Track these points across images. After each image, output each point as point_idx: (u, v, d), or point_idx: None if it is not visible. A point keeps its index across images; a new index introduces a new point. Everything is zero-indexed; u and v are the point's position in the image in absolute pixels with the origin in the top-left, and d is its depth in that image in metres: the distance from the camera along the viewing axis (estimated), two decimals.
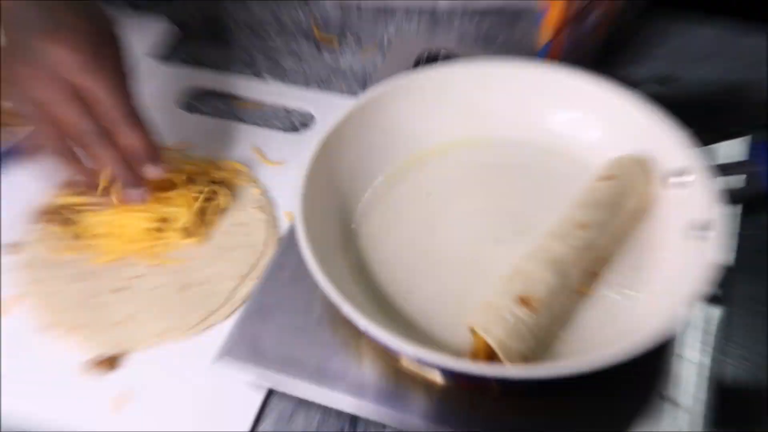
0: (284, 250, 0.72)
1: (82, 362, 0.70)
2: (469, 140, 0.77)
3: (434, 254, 0.70)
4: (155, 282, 0.75)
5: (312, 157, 0.69)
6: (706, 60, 0.96)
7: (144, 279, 0.75)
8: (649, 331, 0.57)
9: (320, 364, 0.64)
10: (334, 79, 0.96)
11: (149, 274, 0.75)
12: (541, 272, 0.63)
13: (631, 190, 0.69)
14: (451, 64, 0.76)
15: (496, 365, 0.58)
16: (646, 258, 0.68)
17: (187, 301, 0.73)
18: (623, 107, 0.72)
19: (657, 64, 0.96)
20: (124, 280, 0.75)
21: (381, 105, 0.74)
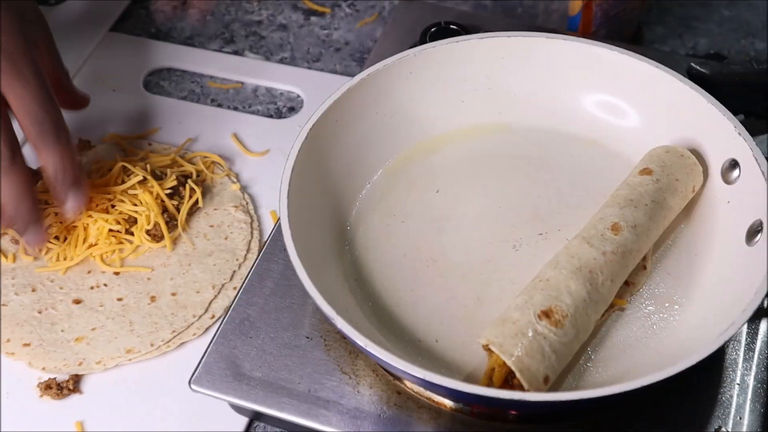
0: (268, 256, 0.73)
1: (35, 386, 0.71)
2: (485, 127, 0.78)
3: (442, 260, 0.71)
4: (119, 292, 0.76)
5: (299, 147, 0.70)
6: (759, 35, 0.97)
7: (106, 289, 0.76)
8: (694, 351, 0.58)
9: (310, 387, 0.65)
10: (326, 55, 0.97)
11: (112, 283, 0.76)
12: (566, 281, 0.64)
13: (674, 186, 0.69)
14: (464, 37, 0.77)
15: (515, 390, 0.59)
16: (690, 266, 0.69)
17: (156, 315, 0.74)
18: (664, 90, 0.73)
19: (702, 39, 0.97)
20: (83, 291, 0.76)
21: (382, 85, 0.75)
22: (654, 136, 0.74)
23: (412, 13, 0.91)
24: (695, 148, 0.72)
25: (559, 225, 0.72)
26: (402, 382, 0.65)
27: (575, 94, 0.77)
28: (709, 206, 0.71)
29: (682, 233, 0.72)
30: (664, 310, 0.67)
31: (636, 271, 0.68)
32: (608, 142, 0.76)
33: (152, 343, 0.73)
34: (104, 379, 0.72)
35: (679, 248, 0.71)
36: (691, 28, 0.98)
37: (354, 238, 0.72)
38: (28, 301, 0.75)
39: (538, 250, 0.70)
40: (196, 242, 0.79)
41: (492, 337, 0.61)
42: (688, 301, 0.67)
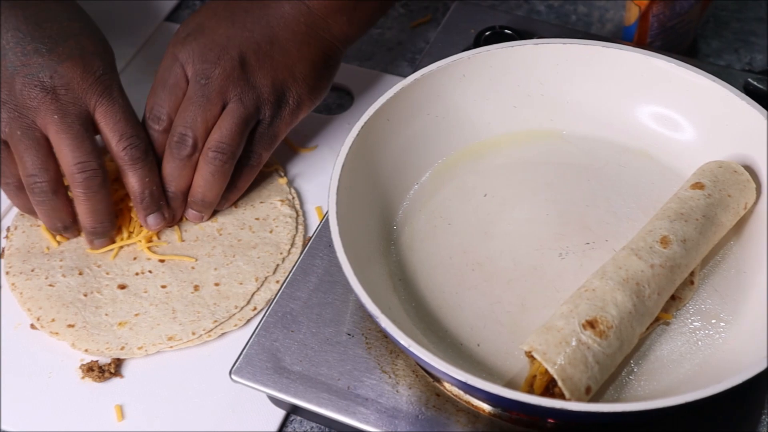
0: (313, 252, 0.73)
1: (77, 367, 0.72)
2: (536, 134, 0.78)
3: (488, 265, 0.71)
4: (163, 280, 0.77)
5: (350, 144, 0.70)
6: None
7: (151, 276, 0.77)
8: (741, 368, 0.57)
9: (349, 384, 0.65)
10: (378, 54, 0.97)
11: (157, 270, 0.77)
12: (612, 292, 0.63)
13: (726, 202, 0.69)
14: (519, 42, 0.77)
15: (557, 399, 0.58)
16: (739, 283, 0.69)
17: (199, 304, 0.75)
18: (721, 104, 0.73)
19: (759, 55, 0.96)
20: (128, 277, 0.77)
21: (434, 86, 0.75)
22: (707, 150, 0.74)
23: (467, 15, 0.91)
24: (749, 165, 0.72)
25: (607, 235, 0.71)
26: (441, 384, 0.66)
27: (629, 105, 0.77)
28: (760, 224, 0.70)
29: (732, 250, 0.71)
30: (710, 327, 0.67)
31: (683, 286, 0.68)
32: (661, 154, 0.76)
33: (194, 331, 0.73)
34: (145, 364, 0.73)
35: (728, 265, 0.70)
36: (748, 44, 0.97)
37: (400, 238, 0.72)
38: (75, 283, 0.76)
39: (584, 259, 0.70)
40: (241, 234, 0.80)
41: (535, 344, 0.61)
42: (735, 318, 0.67)
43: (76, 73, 0.73)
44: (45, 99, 0.72)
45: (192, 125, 0.74)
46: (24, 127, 0.72)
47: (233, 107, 0.74)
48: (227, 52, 0.74)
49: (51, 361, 0.73)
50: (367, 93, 0.91)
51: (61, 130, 0.72)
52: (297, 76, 0.77)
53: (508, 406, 0.63)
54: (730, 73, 0.84)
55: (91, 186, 0.73)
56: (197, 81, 0.74)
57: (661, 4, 0.85)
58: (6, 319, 0.75)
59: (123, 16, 0.99)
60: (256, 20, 0.76)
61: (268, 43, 0.76)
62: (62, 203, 0.75)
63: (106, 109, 0.73)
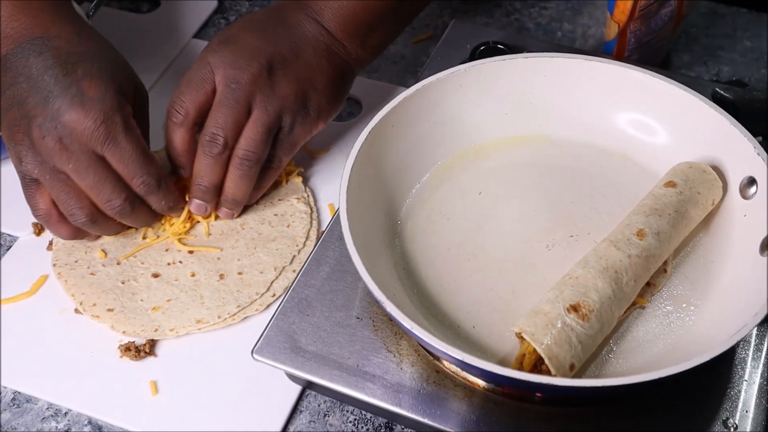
0: (325, 244, 0.73)
1: (116, 347, 0.72)
2: (526, 138, 0.78)
3: (482, 256, 0.71)
4: (192, 269, 0.77)
5: (359, 148, 0.70)
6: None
7: (181, 266, 0.77)
8: (707, 348, 0.58)
9: (358, 362, 0.66)
10: (384, 67, 0.97)
11: (187, 260, 0.77)
12: (593, 280, 0.63)
13: (695, 199, 0.69)
14: (511, 56, 0.77)
15: (544, 376, 0.59)
16: (707, 271, 0.69)
17: (224, 291, 0.75)
18: (691, 111, 0.73)
19: (726, 67, 0.96)
20: (161, 266, 0.77)
21: (434, 95, 0.75)
22: (679, 152, 0.74)
23: (463, 32, 0.91)
24: (717, 165, 0.72)
25: (589, 229, 0.71)
26: (441, 363, 0.66)
27: (609, 112, 0.77)
28: (726, 218, 0.70)
29: (701, 241, 0.71)
30: (681, 310, 0.67)
31: (657, 274, 0.68)
32: (637, 156, 0.76)
33: (219, 315, 0.74)
34: (176, 345, 0.73)
35: (698, 255, 0.70)
36: (715, 57, 0.97)
37: (403, 231, 0.73)
38: (113, 272, 0.77)
39: (569, 250, 0.70)
40: (261, 229, 0.80)
41: (525, 327, 0.61)
42: (704, 303, 0.67)
43: (77, 124, 0.69)
44: (56, 149, 0.70)
45: (223, 126, 0.73)
46: (50, 171, 0.71)
47: (258, 115, 0.74)
48: (256, 60, 0.74)
49: (92, 342, 0.73)
50: (374, 102, 0.91)
51: (79, 177, 0.71)
52: (317, 88, 0.77)
53: (501, 382, 0.63)
54: (700, 83, 0.84)
55: (124, 215, 0.73)
56: (227, 85, 0.73)
57: (638, 22, 0.85)
58: (53, 305, 0.76)
59: (154, 34, 1.00)
60: (282, 36, 0.76)
61: (294, 55, 0.76)
62: (104, 225, 0.75)
63: (112, 154, 0.71)
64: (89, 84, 0.71)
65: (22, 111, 0.71)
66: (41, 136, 0.70)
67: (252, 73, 0.73)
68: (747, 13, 1.01)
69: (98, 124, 0.70)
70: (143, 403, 0.70)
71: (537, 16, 1.03)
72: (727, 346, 0.58)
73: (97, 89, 0.71)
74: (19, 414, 0.70)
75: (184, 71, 0.94)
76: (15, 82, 0.71)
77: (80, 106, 0.70)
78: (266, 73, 0.74)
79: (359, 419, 0.69)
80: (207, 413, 0.69)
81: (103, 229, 0.75)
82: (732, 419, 0.63)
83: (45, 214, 0.74)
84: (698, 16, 1.01)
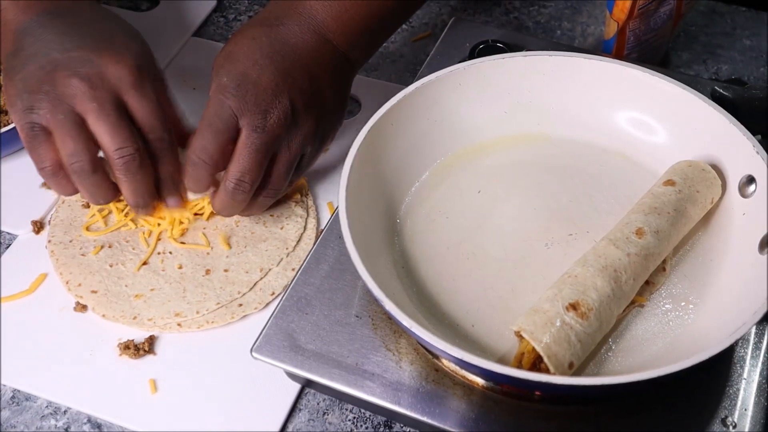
0: (325, 242, 0.73)
1: (115, 345, 0.73)
2: (525, 136, 0.78)
3: (481, 254, 0.71)
4: (180, 261, 0.77)
5: (358, 146, 0.70)
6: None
7: (170, 257, 0.77)
8: (706, 346, 0.58)
9: (358, 361, 0.66)
10: (383, 66, 0.97)
11: (177, 252, 0.78)
12: (593, 278, 0.63)
13: (694, 197, 0.69)
14: (510, 54, 0.77)
15: (543, 374, 0.59)
16: (707, 270, 0.69)
17: (207, 287, 0.75)
18: (690, 110, 0.73)
19: (725, 65, 0.96)
20: (152, 255, 0.78)
21: (433, 94, 0.75)
22: (678, 151, 0.74)
23: (462, 31, 0.91)
24: (716, 164, 0.71)
25: (588, 227, 0.71)
26: (440, 361, 0.66)
27: (608, 110, 0.77)
28: (725, 217, 0.70)
29: (700, 240, 0.71)
30: (680, 309, 0.67)
31: (656, 272, 0.68)
32: (637, 155, 0.76)
33: (198, 310, 0.74)
34: (175, 343, 0.73)
35: (697, 253, 0.70)
36: (714, 55, 0.97)
37: (402, 230, 0.73)
38: (103, 255, 0.77)
39: (568, 249, 0.70)
40: (255, 228, 0.80)
41: (524, 325, 0.61)
42: (703, 301, 0.67)
43: (111, 64, 0.70)
44: (82, 87, 0.70)
45: (249, 171, 0.72)
46: (65, 112, 0.70)
47: (284, 154, 0.73)
48: (279, 101, 0.72)
49: (92, 341, 0.73)
50: (373, 100, 0.91)
51: (98, 117, 0.70)
52: (330, 109, 0.76)
53: (500, 380, 0.63)
54: (699, 81, 0.84)
55: (130, 169, 0.71)
56: (254, 130, 0.71)
57: (637, 20, 0.85)
58: (53, 303, 0.76)
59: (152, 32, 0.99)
60: (295, 64, 0.74)
61: (309, 83, 0.74)
62: (101, 180, 0.73)
63: (137, 100, 0.71)
64: (122, 39, 0.73)
65: (45, 60, 0.71)
66: (68, 75, 0.70)
67: (278, 116, 0.72)
68: (746, 11, 1.01)
69: (132, 69, 0.71)
70: (142, 401, 0.70)
71: (536, 14, 1.03)
72: (725, 345, 0.58)
73: (129, 44, 0.73)
74: (18, 412, 0.70)
75: (184, 70, 0.95)
76: (38, 40, 0.72)
77: (115, 52, 0.71)
78: (290, 112, 0.72)
79: (358, 417, 0.69)
80: (206, 411, 0.69)
81: (98, 184, 0.72)
82: (731, 417, 0.63)
83: (52, 165, 0.71)
84: (697, 15, 1.01)
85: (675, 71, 0.93)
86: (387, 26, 0.82)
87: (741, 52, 0.97)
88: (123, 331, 0.73)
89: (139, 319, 0.73)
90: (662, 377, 0.56)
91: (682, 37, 0.98)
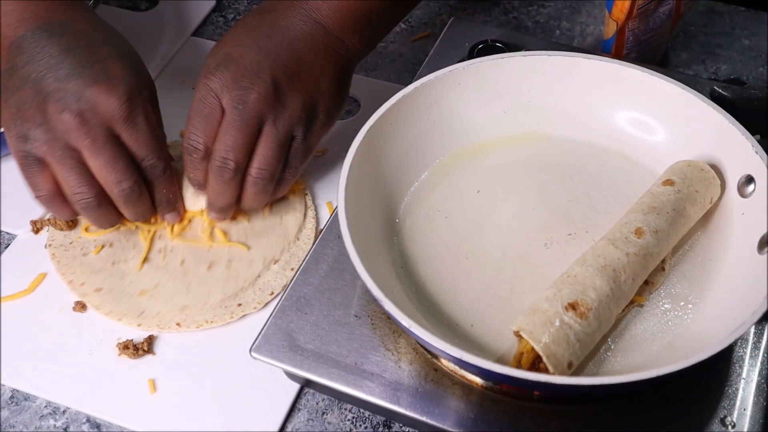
0: (324, 242, 0.73)
1: (114, 345, 0.72)
2: (525, 136, 0.78)
3: (481, 254, 0.71)
4: (183, 255, 0.77)
5: (357, 146, 0.70)
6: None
7: (172, 253, 0.77)
8: (705, 346, 0.58)
9: (357, 361, 0.66)
10: (382, 65, 0.97)
11: (178, 248, 0.78)
12: (591, 278, 0.63)
13: (693, 197, 0.69)
14: (509, 54, 0.77)
15: (542, 374, 0.59)
16: (705, 269, 0.69)
17: (212, 280, 0.76)
18: (689, 110, 0.73)
19: (724, 65, 0.96)
20: (153, 252, 0.78)
21: (432, 94, 0.75)
22: (678, 151, 0.74)
23: (462, 30, 0.91)
24: (715, 164, 0.72)
25: (588, 227, 0.71)
26: (439, 361, 0.66)
27: (608, 110, 0.77)
28: (724, 217, 0.70)
29: (699, 240, 0.71)
30: (679, 309, 0.67)
31: (655, 272, 0.68)
32: (636, 154, 0.76)
33: (205, 302, 0.74)
34: (175, 343, 0.73)
35: (696, 253, 0.70)
36: (713, 55, 0.97)
37: (402, 229, 0.73)
38: (105, 253, 0.77)
39: (567, 248, 0.70)
40: (254, 222, 0.80)
41: (523, 325, 0.61)
42: (702, 301, 0.67)
43: (100, 98, 0.69)
44: (74, 123, 0.69)
45: (233, 148, 0.71)
46: (62, 148, 0.70)
47: (269, 131, 0.72)
48: (259, 77, 0.72)
49: (91, 340, 0.73)
50: (373, 100, 0.91)
51: (93, 153, 0.70)
52: (323, 91, 0.75)
53: (499, 380, 0.63)
54: (698, 81, 0.84)
55: (130, 199, 0.72)
56: (234, 107, 0.71)
57: (637, 20, 0.85)
58: (52, 303, 0.76)
59: (152, 31, 0.99)
60: (279, 44, 0.74)
61: (295, 63, 0.74)
62: (108, 211, 0.73)
63: (129, 134, 0.71)
64: (114, 64, 0.71)
65: (38, 87, 0.70)
66: (59, 109, 0.69)
67: (258, 92, 0.71)
68: (745, 11, 1.01)
69: (122, 102, 0.70)
70: (141, 401, 0.70)
71: (535, 14, 1.03)
72: (725, 344, 0.58)
73: (122, 70, 0.72)
74: (17, 412, 0.70)
75: (184, 69, 0.95)
76: (31, 61, 0.71)
77: (106, 83, 0.70)
78: (272, 88, 0.72)
79: (357, 417, 0.69)
80: (205, 411, 0.69)
81: (104, 214, 0.73)
82: (730, 417, 0.63)
83: (49, 193, 0.72)
84: (696, 15, 1.01)
85: (674, 71, 0.93)
86: (386, 14, 0.80)
87: (740, 52, 0.97)
88: (122, 331, 0.73)
89: (145, 315, 0.73)
90: (661, 377, 0.56)
91: (681, 37, 0.99)
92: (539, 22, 1.01)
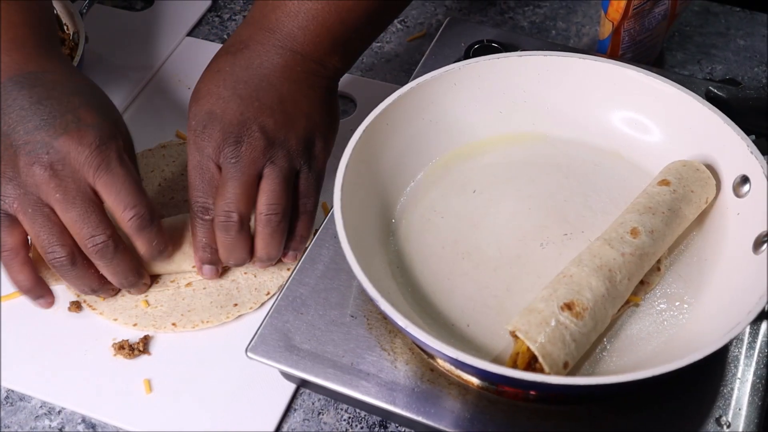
0: (320, 242, 0.73)
1: (110, 345, 0.72)
2: (521, 136, 0.78)
3: (477, 254, 0.71)
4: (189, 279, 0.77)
5: (353, 146, 0.70)
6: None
7: None
8: (700, 346, 0.58)
9: (353, 361, 0.66)
10: (378, 65, 0.97)
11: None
12: (587, 278, 0.63)
13: (689, 197, 0.69)
14: (505, 54, 0.77)
15: (538, 374, 0.59)
16: (701, 269, 0.69)
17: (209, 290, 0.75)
18: (685, 110, 0.73)
19: (719, 66, 0.96)
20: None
21: (428, 94, 0.75)
22: (673, 151, 0.74)
23: (458, 30, 0.91)
24: (710, 164, 0.72)
25: (583, 227, 0.72)
26: (435, 361, 0.66)
27: (604, 110, 0.77)
28: (720, 217, 0.71)
29: (695, 240, 0.71)
30: (674, 308, 0.67)
31: (651, 272, 0.68)
32: (631, 154, 0.76)
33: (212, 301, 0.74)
34: (170, 343, 0.73)
35: (691, 253, 0.70)
36: (709, 56, 0.97)
37: (398, 229, 0.73)
38: None
39: (563, 248, 0.70)
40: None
41: (519, 325, 0.61)
42: (697, 301, 0.67)
43: (71, 148, 0.67)
44: (45, 176, 0.66)
45: (234, 202, 0.70)
46: (33, 204, 0.67)
47: (269, 171, 0.71)
48: (247, 128, 0.70)
49: (86, 341, 0.73)
50: (369, 100, 0.91)
51: (64, 209, 0.67)
52: (314, 119, 0.74)
53: (495, 380, 0.63)
54: (693, 81, 0.84)
55: (105, 255, 0.69)
56: (228, 163, 0.70)
57: (632, 20, 0.85)
58: None
59: (147, 31, 0.99)
60: (258, 86, 0.72)
61: (279, 102, 0.72)
62: (84, 272, 0.70)
63: (105, 181, 0.68)
64: (86, 113, 0.69)
65: (8, 141, 0.68)
66: (30, 162, 0.67)
67: (248, 143, 0.70)
68: (740, 11, 1.01)
69: (93, 149, 0.67)
70: (137, 401, 0.70)
71: (531, 14, 1.03)
72: (720, 344, 0.58)
73: (94, 117, 0.69)
74: (12, 412, 0.70)
75: (178, 69, 0.95)
76: (2, 114, 0.69)
77: (76, 131, 0.67)
78: (261, 136, 0.70)
79: (353, 417, 0.69)
80: (201, 411, 0.69)
81: (81, 276, 0.70)
82: (725, 417, 0.63)
83: (12, 250, 0.69)
84: (692, 15, 1.01)
85: (669, 71, 0.93)
86: (364, 30, 0.78)
87: (735, 53, 0.97)
88: (118, 331, 0.73)
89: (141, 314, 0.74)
90: (657, 377, 0.56)
91: (676, 37, 0.99)
92: (535, 23, 1.02)
